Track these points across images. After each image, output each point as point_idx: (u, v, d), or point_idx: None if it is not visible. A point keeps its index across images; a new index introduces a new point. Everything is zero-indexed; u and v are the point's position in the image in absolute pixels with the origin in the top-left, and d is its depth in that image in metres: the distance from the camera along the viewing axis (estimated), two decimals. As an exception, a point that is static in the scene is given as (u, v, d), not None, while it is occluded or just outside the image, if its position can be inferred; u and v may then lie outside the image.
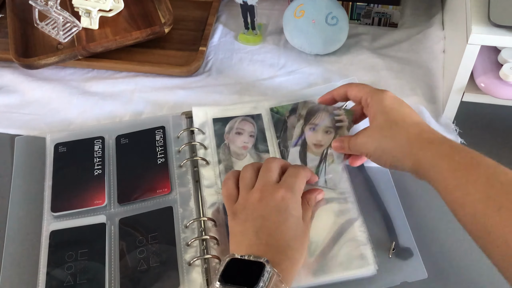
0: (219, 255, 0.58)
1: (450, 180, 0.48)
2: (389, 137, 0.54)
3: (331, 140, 0.64)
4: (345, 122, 0.64)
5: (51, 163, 0.68)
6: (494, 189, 0.45)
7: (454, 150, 0.50)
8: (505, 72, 0.61)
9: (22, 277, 0.59)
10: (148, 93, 0.77)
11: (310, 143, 0.64)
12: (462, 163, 0.48)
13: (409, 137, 0.53)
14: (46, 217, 0.63)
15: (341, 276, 0.56)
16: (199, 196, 0.64)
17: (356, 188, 0.63)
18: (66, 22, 0.80)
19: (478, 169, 0.47)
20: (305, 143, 0.64)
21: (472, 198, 0.46)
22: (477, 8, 0.60)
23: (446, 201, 0.49)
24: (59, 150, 0.69)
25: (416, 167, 0.52)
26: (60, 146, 0.69)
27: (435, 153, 0.50)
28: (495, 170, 0.47)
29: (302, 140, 0.64)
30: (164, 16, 0.82)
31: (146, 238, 0.60)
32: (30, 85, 0.78)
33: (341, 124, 0.64)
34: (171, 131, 0.70)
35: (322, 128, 0.65)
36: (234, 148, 0.67)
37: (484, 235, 0.45)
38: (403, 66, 0.78)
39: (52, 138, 0.70)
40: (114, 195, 0.65)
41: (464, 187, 0.47)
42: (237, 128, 0.69)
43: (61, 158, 0.68)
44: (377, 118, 0.56)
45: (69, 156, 0.68)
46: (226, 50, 0.83)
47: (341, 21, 0.76)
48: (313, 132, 0.65)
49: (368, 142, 0.56)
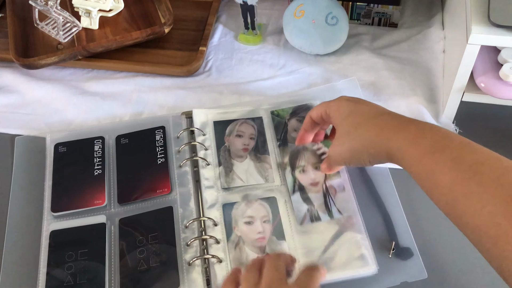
0: (219, 255, 0.58)
1: (420, 167, 0.47)
2: (358, 138, 0.53)
3: (323, 174, 0.63)
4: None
5: (51, 163, 0.68)
6: (461, 173, 0.43)
7: (420, 133, 0.48)
8: (505, 72, 0.61)
9: (22, 277, 0.59)
10: (148, 93, 0.77)
11: (307, 184, 0.63)
12: (429, 146, 0.47)
13: (376, 131, 0.52)
14: (46, 217, 0.63)
15: (342, 275, 0.56)
16: (199, 196, 0.64)
17: (356, 188, 0.63)
18: (66, 22, 0.80)
19: (444, 152, 0.45)
20: (302, 187, 0.63)
21: (441, 184, 0.44)
22: (477, 8, 0.60)
23: (421, 187, 0.48)
24: (59, 150, 0.69)
25: (390, 157, 0.51)
26: (60, 146, 0.69)
27: (403, 140, 0.49)
28: (461, 151, 0.45)
29: (298, 185, 0.63)
30: (164, 16, 0.82)
31: (146, 238, 0.60)
32: (30, 85, 0.78)
33: (326, 155, 0.63)
34: (171, 131, 0.70)
35: (311, 166, 0.64)
36: (235, 150, 0.67)
37: (458, 221, 0.44)
38: (403, 66, 0.78)
39: (52, 138, 0.70)
40: (114, 195, 0.65)
41: (432, 174, 0.45)
42: (238, 130, 0.69)
43: (61, 158, 0.68)
44: (341, 125, 0.55)
45: (69, 156, 0.68)
46: (226, 50, 0.83)
47: (341, 21, 0.76)
48: (304, 173, 0.64)
49: (342, 150, 0.55)
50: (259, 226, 0.60)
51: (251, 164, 0.66)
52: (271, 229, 0.60)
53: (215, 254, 0.58)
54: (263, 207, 0.62)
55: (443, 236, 0.59)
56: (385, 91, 0.75)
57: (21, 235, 0.63)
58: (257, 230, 0.60)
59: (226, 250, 0.59)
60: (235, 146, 0.67)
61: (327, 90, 0.74)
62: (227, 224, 0.61)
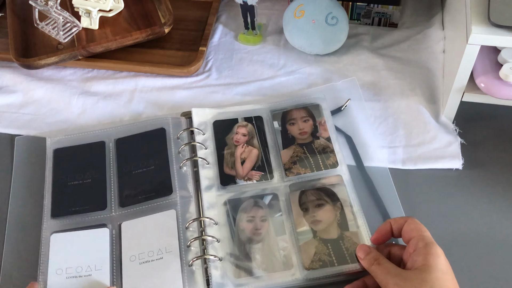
0: (219, 255, 0.58)
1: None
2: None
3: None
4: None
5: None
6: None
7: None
8: (505, 72, 0.61)
9: (22, 277, 0.59)
10: (148, 93, 0.77)
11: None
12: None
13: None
14: (46, 217, 0.63)
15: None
16: (199, 196, 0.64)
17: (357, 188, 0.63)
18: (66, 22, 0.80)
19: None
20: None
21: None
22: (477, 8, 0.60)
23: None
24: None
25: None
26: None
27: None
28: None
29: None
30: (164, 16, 0.82)
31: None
32: (30, 85, 0.78)
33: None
34: (171, 132, 0.70)
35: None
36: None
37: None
38: (403, 66, 0.78)
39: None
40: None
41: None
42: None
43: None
44: (419, 269, 0.49)
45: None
46: (226, 50, 0.83)
47: (341, 21, 0.76)
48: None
49: (395, 280, 0.49)
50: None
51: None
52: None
53: (215, 254, 0.58)
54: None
55: (442, 236, 0.59)
56: (385, 91, 0.75)
57: (21, 235, 0.63)
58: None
59: (226, 249, 0.59)
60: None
61: (327, 90, 0.74)
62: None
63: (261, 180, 0.64)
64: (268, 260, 0.58)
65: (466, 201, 0.63)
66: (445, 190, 0.64)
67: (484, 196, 0.63)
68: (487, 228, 0.61)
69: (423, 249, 0.50)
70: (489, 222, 0.61)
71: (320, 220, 0.60)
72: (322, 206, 0.61)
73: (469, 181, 0.65)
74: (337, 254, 0.57)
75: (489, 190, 0.64)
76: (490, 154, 0.67)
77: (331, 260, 0.57)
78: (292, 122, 0.69)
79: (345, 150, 0.68)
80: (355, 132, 0.70)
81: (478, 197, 0.63)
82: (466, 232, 0.61)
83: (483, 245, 0.60)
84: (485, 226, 0.61)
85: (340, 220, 0.60)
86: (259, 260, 0.58)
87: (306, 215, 0.61)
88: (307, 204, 0.61)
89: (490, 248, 0.59)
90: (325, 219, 0.60)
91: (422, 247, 0.50)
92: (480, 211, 0.62)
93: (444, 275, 0.49)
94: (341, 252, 0.57)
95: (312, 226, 0.60)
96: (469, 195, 0.64)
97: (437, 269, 0.49)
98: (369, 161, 0.67)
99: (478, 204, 0.63)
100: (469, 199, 0.63)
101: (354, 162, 0.67)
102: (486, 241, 0.60)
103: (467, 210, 0.62)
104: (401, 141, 0.69)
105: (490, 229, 0.61)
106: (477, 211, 0.62)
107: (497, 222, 0.61)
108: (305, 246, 0.58)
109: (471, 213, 0.62)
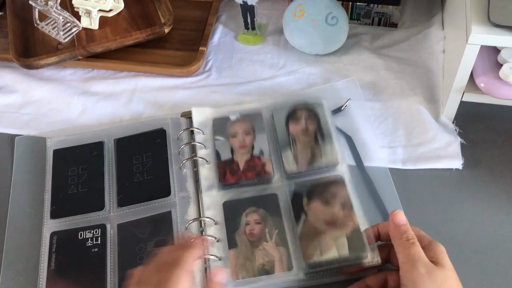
0: (218, 254, 0.58)
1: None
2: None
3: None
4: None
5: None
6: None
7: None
8: (505, 72, 0.61)
9: (22, 277, 0.59)
10: (148, 93, 0.77)
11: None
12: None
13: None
14: (46, 217, 0.63)
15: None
16: (199, 196, 0.64)
17: (357, 188, 0.63)
18: (66, 22, 0.80)
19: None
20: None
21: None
22: (477, 8, 0.60)
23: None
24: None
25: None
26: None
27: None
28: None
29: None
30: (164, 16, 0.82)
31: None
32: (30, 85, 0.78)
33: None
34: (171, 133, 0.70)
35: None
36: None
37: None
38: (403, 66, 0.78)
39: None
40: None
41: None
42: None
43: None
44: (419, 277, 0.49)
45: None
46: (226, 50, 0.83)
47: (341, 21, 0.76)
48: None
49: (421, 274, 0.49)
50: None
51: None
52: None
53: (215, 254, 0.58)
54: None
55: (442, 236, 0.59)
56: (385, 91, 0.75)
57: (21, 235, 0.63)
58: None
59: (226, 249, 0.59)
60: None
61: (327, 90, 0.74)
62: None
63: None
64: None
65: (466, 201, 0.63)
66: (445, 190, 0.64)
67: (484, 196, 0.63)
68: (487, 228, 0.61)
69: (429, 246, 0.51)
70: (489, 222, 0.61)
71: (320, 219, 0.60)
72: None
73: (469, 181, 0.65)
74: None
75: (489, 190, 0.64)
76: (490, 154, 0.67)
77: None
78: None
79: (345, 150, 0.68)
80: (355, 132, 0.70)
81: (478, 197, 0.63)
82: (466, 232, 0.61)
83: (483, 245, 0.60)
84: (485, 226, 0.61)
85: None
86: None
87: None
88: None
89: (490, 248, 0.59)
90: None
91: (427, 244, 0.52)
92: (480, 211, 0.62)
93: (452, 273, 0.50)
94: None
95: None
96: (469, 195, 0.64)
97: (447, 267, 0.50)
98: (369, 161, 0.67)
99: (478, 204, 0.63)
100: (469, 199, 0.63)
101: (354, 162, 0.67)
102: (486, 241, 0.60)
103: (467, 210, 0.62)
104: (401, 141, 0.69)
105: (490, 229, 0.61)
106: (477, 211, 0.62)
107: (497, 222, 0.61)
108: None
109: (471, 213, 0.62)
